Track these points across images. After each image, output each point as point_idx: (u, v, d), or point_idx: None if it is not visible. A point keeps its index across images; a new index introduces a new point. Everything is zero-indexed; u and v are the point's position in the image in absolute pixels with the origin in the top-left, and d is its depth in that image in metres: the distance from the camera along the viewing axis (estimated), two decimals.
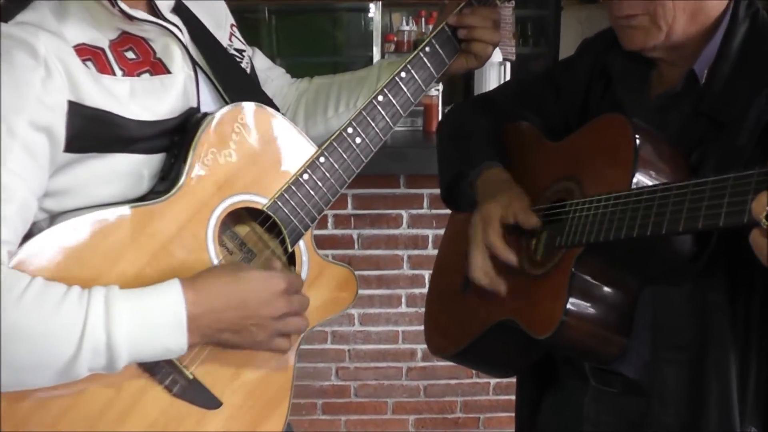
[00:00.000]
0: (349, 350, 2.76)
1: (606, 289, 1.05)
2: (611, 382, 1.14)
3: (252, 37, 1.36)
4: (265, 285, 1.02)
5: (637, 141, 0.99)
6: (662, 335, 1.03)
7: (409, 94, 1.22)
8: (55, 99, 0.95)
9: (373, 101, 1.19)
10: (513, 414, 1.42)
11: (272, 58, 1.48)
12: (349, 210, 2.66)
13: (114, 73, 1.02)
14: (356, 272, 1.19)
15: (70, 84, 0.97)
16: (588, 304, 1.04)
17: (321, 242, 2.77)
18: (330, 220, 2.65)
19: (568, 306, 1.02)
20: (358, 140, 1.17)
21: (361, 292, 2.68)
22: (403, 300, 2.73)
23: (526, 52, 4.37)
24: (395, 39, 3.64)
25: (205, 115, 1.08)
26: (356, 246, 2.68)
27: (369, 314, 2.73)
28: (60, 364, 0.90)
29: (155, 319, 0.94)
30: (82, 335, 0.90)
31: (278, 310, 1.03)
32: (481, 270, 1.15)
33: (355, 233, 2.67)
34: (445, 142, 1.41)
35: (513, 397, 1.42)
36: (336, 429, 2.81)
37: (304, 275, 1.16)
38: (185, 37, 1.13)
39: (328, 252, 2.64)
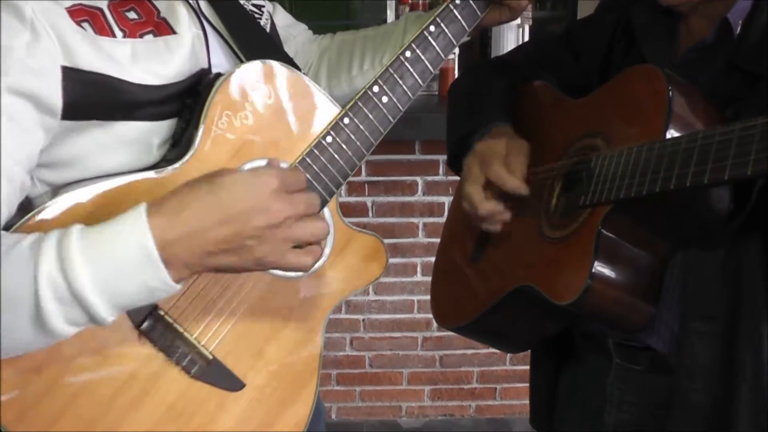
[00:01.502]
0: (363, 320, 2.74)
1: (635, 251, 0.99)
2: (637, 359, 1.09)
3: None
4: (251, 187, 0.83)
5: (671, 92, 0.93)
6: (692, 305, 0.98)
7: (439, 50, 1.13)
8: (41, 63, 0.88)
9: (401, 57, 1.11)
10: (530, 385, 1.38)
11: None
12: (363, 177, 2.61)
13: (114, 35, 0.96)
14: None
15: (62, 48, 0.90)
16: (615, 268, 0.98)
17: None
18: (343, 187, 2.59)
19: (594, 269, 0.96)
20: (384, 99, 1.10)
21: None
22: (419, 269, 2.71)
23: (544, 15, 4.29)
24: (410, 1, 3.55)
25: (219, 75, 1.02)
26: (370, 214, 2.64)
27: (384, 283, 2.71)
28: (26, 317, 0.79)
29: (119, 256, 0.79)
30: (36, 283, 0.77)
31: (276, 215, 0.83)
32: (483, 205, 1.12)
33: (369, 200, 2.63)
34: (455, 103, 1.36)
35: (529, 368, 1.38)
36: (351, 400, 2.81)
37: (329, 246, 1.11)
38: None
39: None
